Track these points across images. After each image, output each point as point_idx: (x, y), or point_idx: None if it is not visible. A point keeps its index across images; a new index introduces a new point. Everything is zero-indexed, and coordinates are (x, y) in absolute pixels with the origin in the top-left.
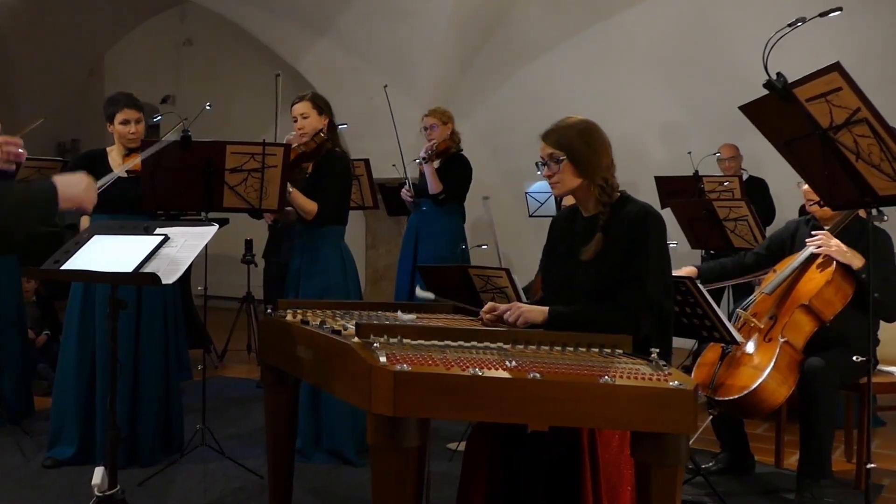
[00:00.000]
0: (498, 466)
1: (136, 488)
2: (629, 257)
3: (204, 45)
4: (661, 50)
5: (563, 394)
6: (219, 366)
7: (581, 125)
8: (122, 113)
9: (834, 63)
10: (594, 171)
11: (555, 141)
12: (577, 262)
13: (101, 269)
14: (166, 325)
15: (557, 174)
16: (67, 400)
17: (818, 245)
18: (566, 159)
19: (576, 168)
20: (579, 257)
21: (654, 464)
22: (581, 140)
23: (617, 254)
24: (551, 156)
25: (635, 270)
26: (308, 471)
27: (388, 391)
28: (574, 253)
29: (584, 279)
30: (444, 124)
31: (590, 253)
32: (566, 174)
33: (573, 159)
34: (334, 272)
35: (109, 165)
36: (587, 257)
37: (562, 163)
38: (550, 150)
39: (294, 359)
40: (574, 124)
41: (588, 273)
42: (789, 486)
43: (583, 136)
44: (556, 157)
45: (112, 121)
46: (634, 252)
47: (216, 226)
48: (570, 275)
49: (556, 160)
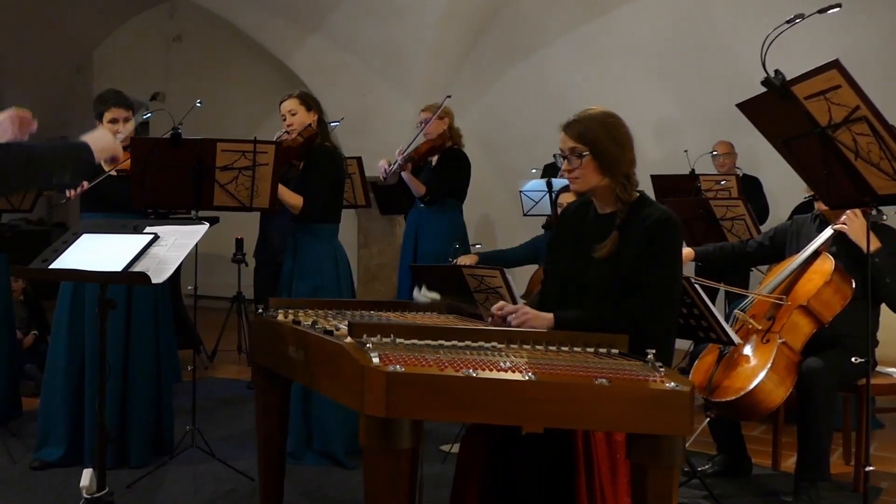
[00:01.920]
0: (492, 469)
1: (124, 490)
2: (643, 262)
3: (194, 42)
4: (658, 46)
5: (558, 395)
6: (209, 366)
7: (606, 117)
8: (111, 111)
9: (833, 60)
10: (618, 167)
11: (577, 133)
12: (587, 258)
13: (89, 268)
14: (157, 325)
15: (578, 169)
16: (55, 401)
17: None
18: (589, 154)
19: (599, 164)
20: (590, 253)
21: (650, 466)
22: (606, 134)
23: (631, 255)
24: (573, 150)
25: (647, 277)
26: (299, 473)
27: (380, 392)
28: (583, 248)
29: (593, 276)
30: (440, 119)
31: (604, 251)
32: (588, 170)
33: (597, 155)
34: (327, 271)
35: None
36: (601, 255)
37: (584, 158)
38: (573, 143)
39: (285, 359)
40: (598, 116)
41: (598, 270)
42: (786, 489)
43: (608, 129)
44: (578, 152)
45: (101, 119)
46: (650, 258)
47: (206, 224)
48: (578, 270)
49: (579, 155)
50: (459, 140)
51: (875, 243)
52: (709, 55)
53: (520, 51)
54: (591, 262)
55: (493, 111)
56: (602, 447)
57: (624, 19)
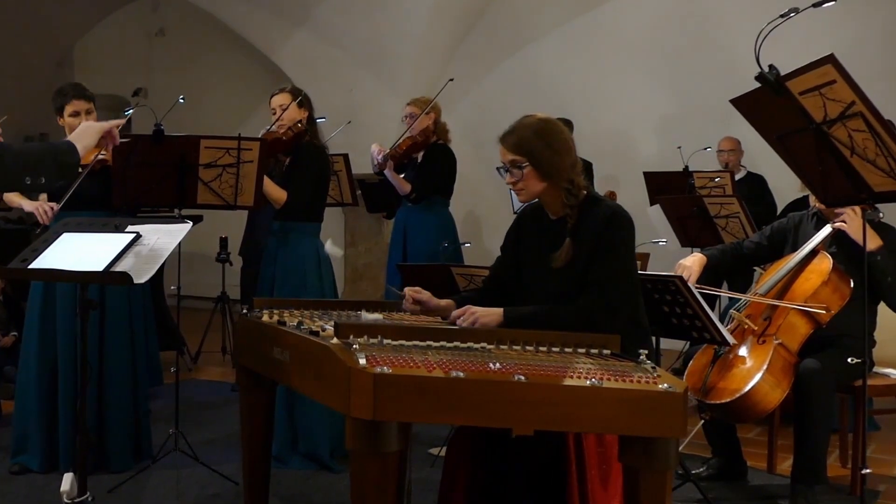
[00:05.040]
0: (480, 472)
1: (106, 495)
2: (594, 259)
3: (177, 36)
4: (651, 41)
5: (548, 396)
6: (192, 368)
7: (539, 125)
8: (71, 104)
9: (828, 55)
10: (558, 173)
11: (513, 145)
12: (546, 267)
13: (70, 267)
14: (132, 325)
15: (521, 181)
16: (29, 405)
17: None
18: (528, 165)
19: (539, 173)
20: (549, 263)
21: (643, 469)
22: (541, 141)
23: (586, 258)
24: (513, 162)
25: (596, 274)
26: (284, 477)
27: (367, 394)
28: (540, 257)
29: (553, 285)
30: (426, 114)
31: (560, 261)
32: (530, 180)
33: (535, 165)
34: (310, 270)
35: None
36: (558, 265)
37: (524, 169)
38: (511, 156)
39: (270, 361)
40: (532, 125)
41: (558, 278)
42: (782, 493)
43: (542, 136)
44: (518, 164)
45: (62, 113)
46: (600, 255)
47: (190, 223)
48: (539, 278)
49: (518, 166)
50: (446, 135)
51: (876, 241)
52: (702, 50)
53: (510, 45)
54: (551, 272)
55: (483, 106)
56: (593, 449)
57: (616, 13)
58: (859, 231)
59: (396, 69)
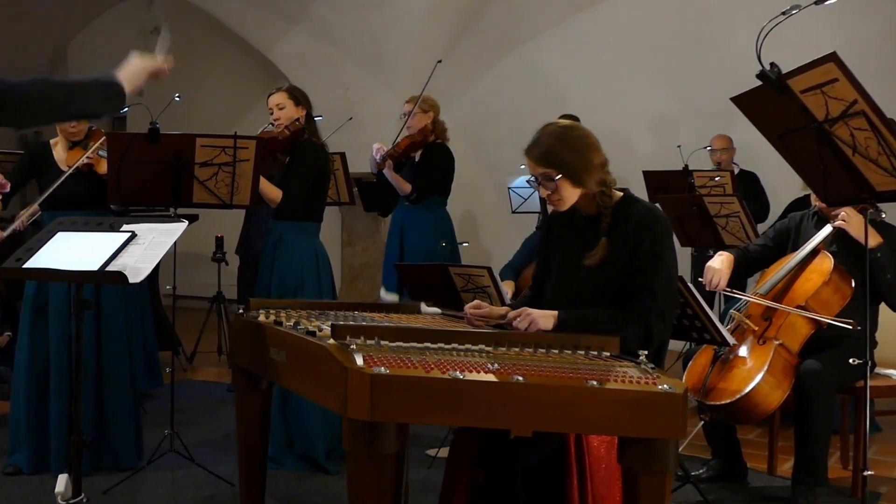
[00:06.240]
0: (480, 474)
1: (100, 496)
2: (638, 264)
3: (172, 34)
4: (650, 38)
5: (547, 398)
6: (188, 369)
7: (562, 132)
8: None
9: (830, 53)
10: (590, 176)
11: (540, 157)
12: (577, 265)
13: (65, 267)
14: (129, 325)
15: (555, 193)
16: (22, 406)
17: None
18: (561, 177)
19: (571, 181)
20: (580, 261)
21: (643, 470)
22: (567, 149)
23: (622, 259)
24: (544, 175)
25: (647, 279)
26: (281, 478)
27: (364, 395)
28: (572, 254)
29: (585, 283)
30: (424, 112)
31: (595, 259)
32: (564, 191)
33: (567, 174)
34: (308, 270)
35: (53, 158)
36: (591, 263)
37: (557, 180)
38: (541, 168)
39: (267, 361)
40: (555, 132)
41: (590, 278)
42: (783, 494)
43: (567, 143)
44: (549, 176)
45: None
46: (645, 259)
47: (185, 222)
48: (568, 277)
49: (550, 179)
50: (444, 134)
51: (877, 238)
52: (703, 47)
53: (507, 43)
54: (582, 270)
55: (481, 105)
56: (594, 451)
57: (616, 10)
58: (860, 229)
59: (393, 67)
